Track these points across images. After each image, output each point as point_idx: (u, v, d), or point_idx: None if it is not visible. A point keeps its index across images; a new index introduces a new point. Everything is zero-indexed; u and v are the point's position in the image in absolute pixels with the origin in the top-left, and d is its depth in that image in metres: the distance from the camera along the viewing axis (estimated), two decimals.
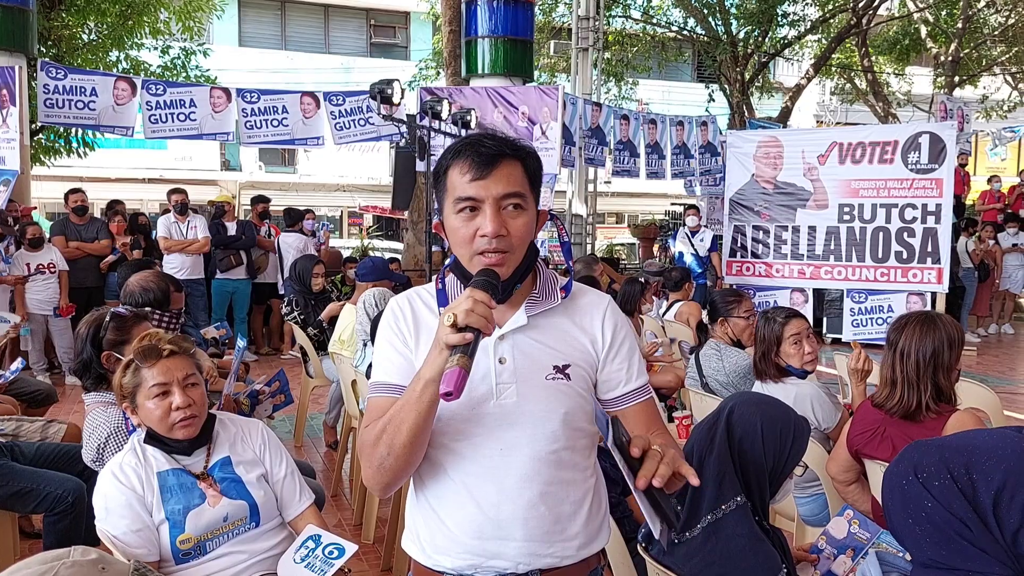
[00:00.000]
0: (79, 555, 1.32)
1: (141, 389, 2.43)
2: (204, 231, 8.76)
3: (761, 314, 3.76)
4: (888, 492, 1.42)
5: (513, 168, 1.60)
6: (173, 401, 2.41)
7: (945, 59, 19.55)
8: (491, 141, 1.61)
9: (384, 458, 1.56)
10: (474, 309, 1.43)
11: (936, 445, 1.37)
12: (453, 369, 1.41)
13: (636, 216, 26.39)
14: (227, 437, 2.57)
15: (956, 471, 1.31)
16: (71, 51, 12.06)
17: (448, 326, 1.43)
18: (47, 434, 4.06)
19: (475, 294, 1.46)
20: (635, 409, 1.73)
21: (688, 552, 1.92)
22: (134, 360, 2.45)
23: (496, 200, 1.57)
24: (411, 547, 1.74)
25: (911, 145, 8.41)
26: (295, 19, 24.83)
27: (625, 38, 19.29)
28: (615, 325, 1.72)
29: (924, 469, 1.34)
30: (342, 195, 24.71)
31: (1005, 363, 9.98)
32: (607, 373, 1.71)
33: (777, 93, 23.22)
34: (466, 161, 1.59)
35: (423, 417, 1.52)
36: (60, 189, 9.92)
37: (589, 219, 13.00)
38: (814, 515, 3.44)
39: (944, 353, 2.80)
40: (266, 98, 9.68)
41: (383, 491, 1.64)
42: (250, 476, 2.51)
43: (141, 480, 2.37)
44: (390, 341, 1.70)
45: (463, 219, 1.59)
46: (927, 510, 1.32)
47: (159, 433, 2.43)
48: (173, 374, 2.43)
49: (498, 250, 1.57)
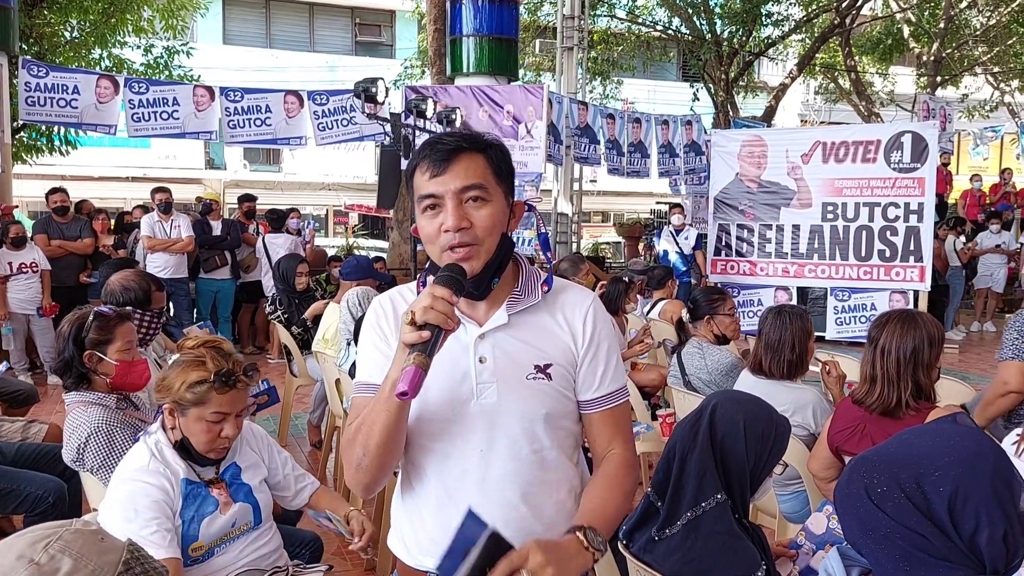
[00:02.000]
0: (81, 524, 1.36)
1: (201, 408, 2.37)
2: (188, 230, 8.71)
3: (776, 312, 3.64)
4: (842, 513, 1.43)
5: (472, 161, 1.59)
6: (225, 430, 2.41)
7: (927, 59, 19.67)
8: (449, 138, 1.61)
9: (361, 458, 1.56)
10: (433, 306, 1.42)
11: (884, 462, 1.37)
12: (409, 368, 1.39)
13: (622, 215, 26.42)
14: (237, 444, 2.59)
15: (908, 487, 1.32)
16: (53, 49, 11.97)
17: (407, 324, 1.43)
18: (28, 434, 4.04)
19: (435, 290, 1.45)
20: (604, 415, 1.71)
21: (668, 549, 1.93)
22: (209, 381, 2.36)
23: (455, 194, 1.56)
24: (396, 546, 1.75)
25: (894, 144, 8.47)
26: (280, 17, 24.72)
27: (610, 37, 19.30)
28: (596, 324, 1.70)
29: (876, 489, 1.35)
30: (327, 194, 24.63)
31: (987, 361, 10.04)
32: (583, 373, 1.69)
33: (761, 92, 23.32)
34: (426, 160, 1.59)
35: (393, 418, 1.51)
36: (42, 188, 9.85)
37: (575, 218, 13.01)
38: (795, 511, 3.46)
39: (924, 351, 2.83)
40: (249, 97, 9.63)
41: (364, 491, 1.64)
42: (255, 481, 2.57)
43: (169, 482, 2.36)
44: (372, 341, 1.69)
45: (428, 217, 1.59)
46: (886, 530, 1.33)
47: (194, 449, 2.42)
48: (237, 406, 2.43)
49: (463, 243, 1.55)
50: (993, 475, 1.30)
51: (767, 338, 3.56)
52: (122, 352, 3.06)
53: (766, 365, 3.54)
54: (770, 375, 3.54)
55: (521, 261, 1.72)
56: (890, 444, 1.42)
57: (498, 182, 1.61)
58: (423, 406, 1.62)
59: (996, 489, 1.29)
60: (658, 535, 1.95)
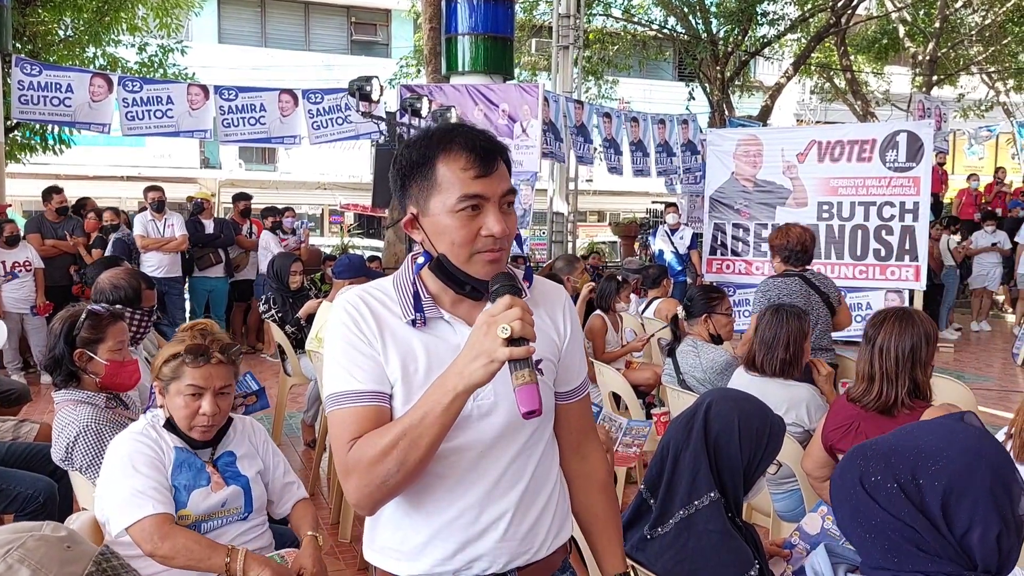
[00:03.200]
0: (49, 530, 1.31)
1: (177, 383, 2.47)
2: (181, 229, 8.67)
3: (773, 311, 3.63)
4: (836, 500, 1.42)
5: (504, 166, 1.56)
6: (202, 406, 2.46)
7: (923, 59, 19.69)
8: (482, 135, 1.54)
9: (391, 475, 1.45)
10: (524, 319, 1.37)
11: (882, 451, 1.36)
12: (531, 385, 1.35)
13: (618, 214, 26.43)
14: (234, 434, 2.65)
15: (903, 478, 1.31)
16: (47, 47, 11.93)
17: (503, 339, 1.35)
18: (19, 434, 4.01)
19: (516, 302, 1.39)
20: (579, 404, 1.75)
21: (660, 547, 1.92)
22: (182, 355, 2.47)
23: (500, 198, 1.52)
24: (382, 555, 1.73)
25: (889, 144, 8.47)
26: (275, 16, 24.68)
27: (606, 36, 19.30)
28: (572, 318, 1.73)
29: (870, 477, 1.34)
30: (323, 193, 24.60)
31: (982, 360, 10.06)
32: (564, 366, 1.70)
33: (757, 92, 23.33)
34: (466, 156, 1.50)
35: (447, 430, 1.44)
36: (36, 187, 9.81)
37: (571, 217, 13.00)
38: (790, 511, 3.45)
39: (922, 348, 2.86)
40: (244, 96, 9.59)
41: (374, 508, 1.56)
42: (251, 472, 2.60)
43: (160, 447, 2.46)
44: (354, 345, 1.55)
45: (464, 217, 1.49)
46: (876, 519, 1.32)
47: (178, 426, 2.50)
48: (212, 381, 2.48)
49: (503, 249, 1.52)
50: (992, 476, 1.28)
51: (762, 335, 3.56)
52: (113, 352, 3.05)
53: (759, 361, 3.53)
54: (763, 372, 3.54)
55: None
56: (892, 435, 1.40)
57: None
58: None
59: (994, 490, 1.28)
60: (650, 533, 1.94)
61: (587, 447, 1.77)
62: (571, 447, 1.76)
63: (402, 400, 1.54)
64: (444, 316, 1.58)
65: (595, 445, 1.78)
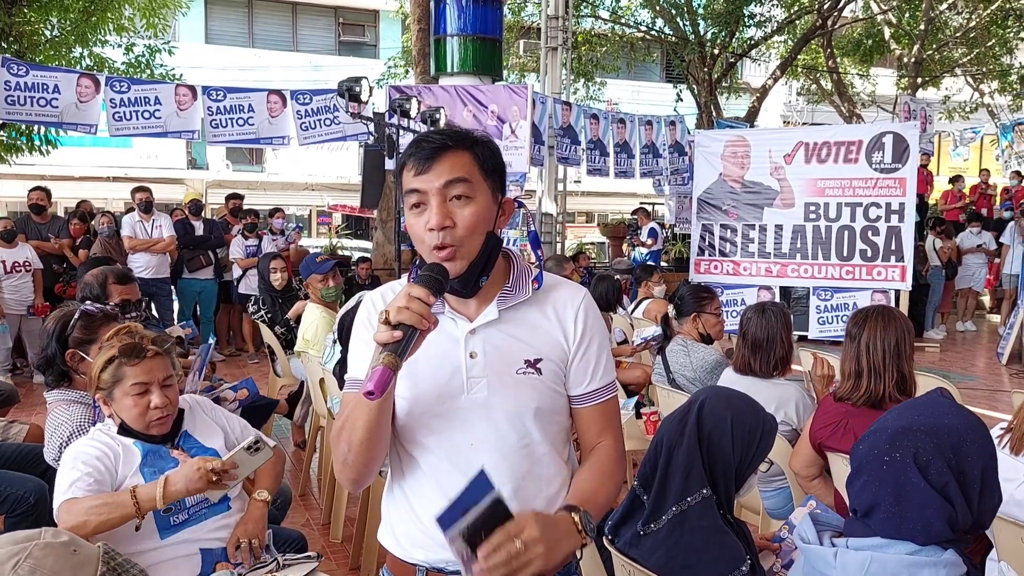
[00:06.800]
0: (50, 536, 1.30)
1: (121, 385, 2.47)
2: (169, 230, 8.66)
3: (759, 311, 3.65)
4: (869, 478, 1.47)
5: (458, 158, 1.58)
6: (152, 401, 2.47)
7: (908, 60, 19.82)
8: (436, 135, 1.60)
9: (346, 454, 1.58)
10: (408, 306, 1.43)
11: (924, 431, 1.42)
12: (378, 368, 1.40)
13: (606, 215, 26.48)
14: (187, 417, 2.66)
15: (947, 456, 1.39)
16: (33, 47, 11.85)
17: (381, 323, 1.43)
18: (8, 435, 4.00)
19: (412, 290, 1.45)
20: (594, 409, 1.72)
21: (653, 544, 1.94)
22: (117, 357, 2.47)
23: (440, 191, 1.55)
24: (386, 539, 1.75)
25: (875, 145, 8.54)
26: (263, 16, 24.62)
27: (594, 38, 19.35)
28: (587, 319, 1.70)
29: (922, 457, 1.40)
30: (311, 194, 24.54)
31: (967, 359, 10.15)
32: (574, 368, 1.70)
33: (744, 93, 23.41)
34: (412, 157, 1.59)
35: (374, 414, 1.52)
36: (23, 187, 9.75)
37: (559, 218, 13.02)
38: (779, 508, 3.48)
39: (904, 341, 2.97)
40: (232, 96, 9.54)
41: (353, 486, 1.65)
42: (216, 442, 2.63)
43: (116, 443, 2.46)
44: (362, 337, 1.68)
45: (415, 215, 1.59)
46: (921, 497, 1.38)
47: (133, 428, 2.49)
48: (154, 375, 2.49)
49: (445, 244, 1.55)
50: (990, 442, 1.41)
51: (753, 337, 3.58)
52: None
53: (756, 365, 3.55)
54: (755, 374, 3.56)
55: (514, 257, 1.73)
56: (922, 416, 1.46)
57: (484, 178, 1.61)
58: (414, 401, 1.63)
59: (993, 455, 1.40)
60: (643, 529, 1.96)
61: (600, 446, 1.73)
62: (585, 450, 1.76)
63: (408, 387, 1.63)
64: (445, 311, 1.65)
65: (608, 444, 1.73)
